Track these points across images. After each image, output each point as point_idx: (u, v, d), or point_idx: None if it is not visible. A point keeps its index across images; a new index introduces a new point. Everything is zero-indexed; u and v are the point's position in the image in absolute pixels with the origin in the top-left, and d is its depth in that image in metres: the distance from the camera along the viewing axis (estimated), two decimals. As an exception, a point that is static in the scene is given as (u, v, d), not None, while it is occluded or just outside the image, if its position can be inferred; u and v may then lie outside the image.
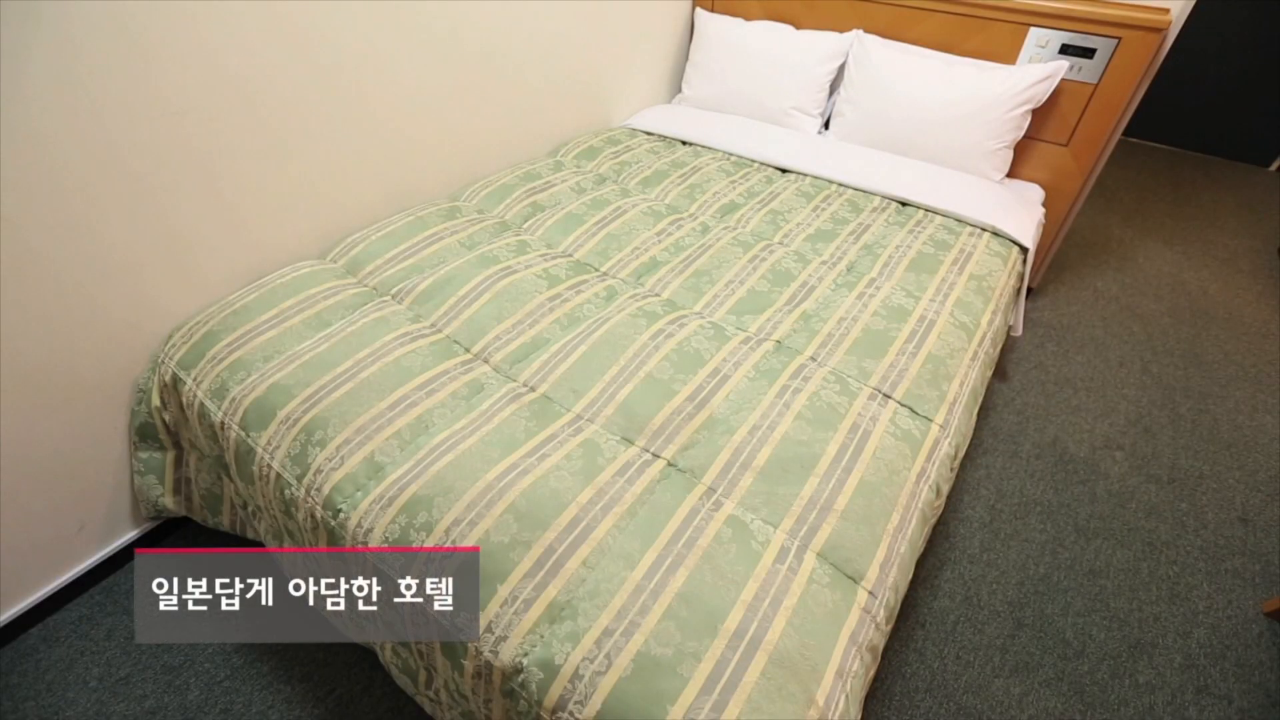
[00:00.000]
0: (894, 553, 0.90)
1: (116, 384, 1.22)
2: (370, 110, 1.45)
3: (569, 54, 1.91)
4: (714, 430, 1.01)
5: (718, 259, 1.44)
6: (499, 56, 1.70)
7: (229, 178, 1.24)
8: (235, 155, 1.23)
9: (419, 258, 1.40)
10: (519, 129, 1.89)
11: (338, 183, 1.46)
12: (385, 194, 1.58)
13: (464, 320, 1.25)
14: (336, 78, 1.35)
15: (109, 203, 1.08)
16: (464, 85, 1.64)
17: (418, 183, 1.65)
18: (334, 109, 1.37)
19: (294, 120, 1.31)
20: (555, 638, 0.77)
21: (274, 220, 1.36)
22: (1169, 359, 2.13)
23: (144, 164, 1.10)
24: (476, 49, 1.62)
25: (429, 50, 1.51)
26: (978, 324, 1.34)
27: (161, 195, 1.15)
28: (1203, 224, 3.00)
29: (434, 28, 1.50)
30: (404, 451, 0.99)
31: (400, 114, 1.52)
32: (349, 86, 1.38)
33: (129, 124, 1.06)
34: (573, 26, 1.87)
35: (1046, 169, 2.00)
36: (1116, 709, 1.22)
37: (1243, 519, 1.61)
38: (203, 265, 1.27)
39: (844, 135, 2.05)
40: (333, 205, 1.47)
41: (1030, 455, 1.74)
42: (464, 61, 1.61)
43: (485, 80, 1.69)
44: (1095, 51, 1.78)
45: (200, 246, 1.25)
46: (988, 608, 1.38)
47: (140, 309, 1.20)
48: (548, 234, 1.54)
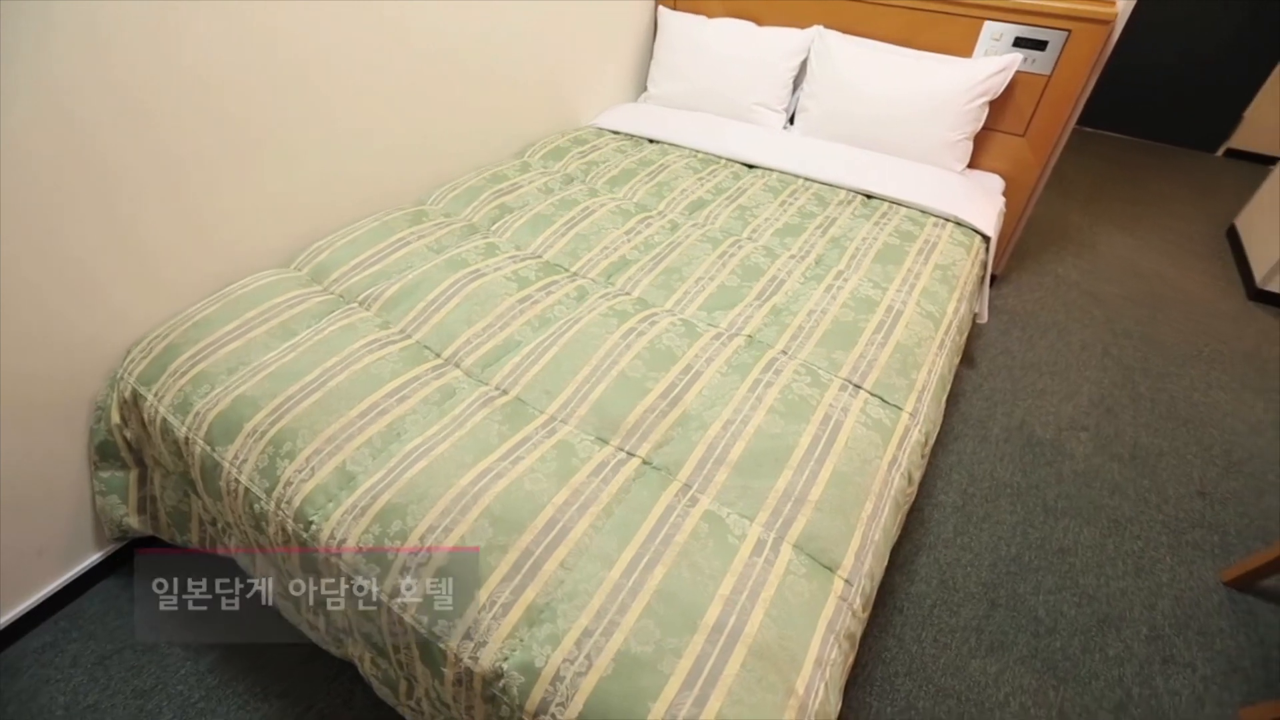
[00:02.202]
0: (868, 541, 0.91)
1: (72, 402, 1.19)
2: (333, 114, 1.42)
3: (533, 54, 1.90)
4: (688, 427, 1.02)
5: (687, 256, 1.45)
6: (463, 58, 1.68)
7: (188, 184, 1.21)
8: (193, 161, 1.20)
9: (386, 263, 1.38)
10: (485, 130, 1.87)
11: (301, 188, 1.43)
12: (350, 199, 1.55)
13: (434, 325, 1.24)
14: (299, 81, 1.32)
15: (63, 211, 1.05)
16: (429, 88, 1.62)
17: (383, 187, 1.63)
18: (297, 113, 1.34)
19: (255, 125, 1.28)
20: (535, 640, 0.76)
21: (235, 228, 1.33)
22: (1128, 341, 2.20)
23: (100, 170, 1.07)
24: (440, 51, 1.61)
25: (393, 53, 1.49)
26: (944, 313, 1.36)
27: (117, 202, 1.12)
28: (1156, 209, 3.10)
29: (397, 30, 1.48)
30: (376, 460, 0.98)
31: (364, 117, 1.49)
32: (312, 90, 1.35)
33: (90, 129, 1.03)
34: (536, 27, 1.86)
35: (1006, 159, 2.04)
36: (1088, 682, 1.26)
37: (1201, 493, 1.67)
38: (161, 276, 1.23)
39: (809, 130, 2.07)
40: (296, 211, 1.44)
41: (999, 439, 1.78)
42: (428, 64, 1.59)
43: (450, 82, 1.67)
44: (1047, 44, 1.83)
45: (159, 257, 1.22)
46: (963, 590, 1.41)
47: (96, 322, 1.16)
48: (516, 235, 1.53)
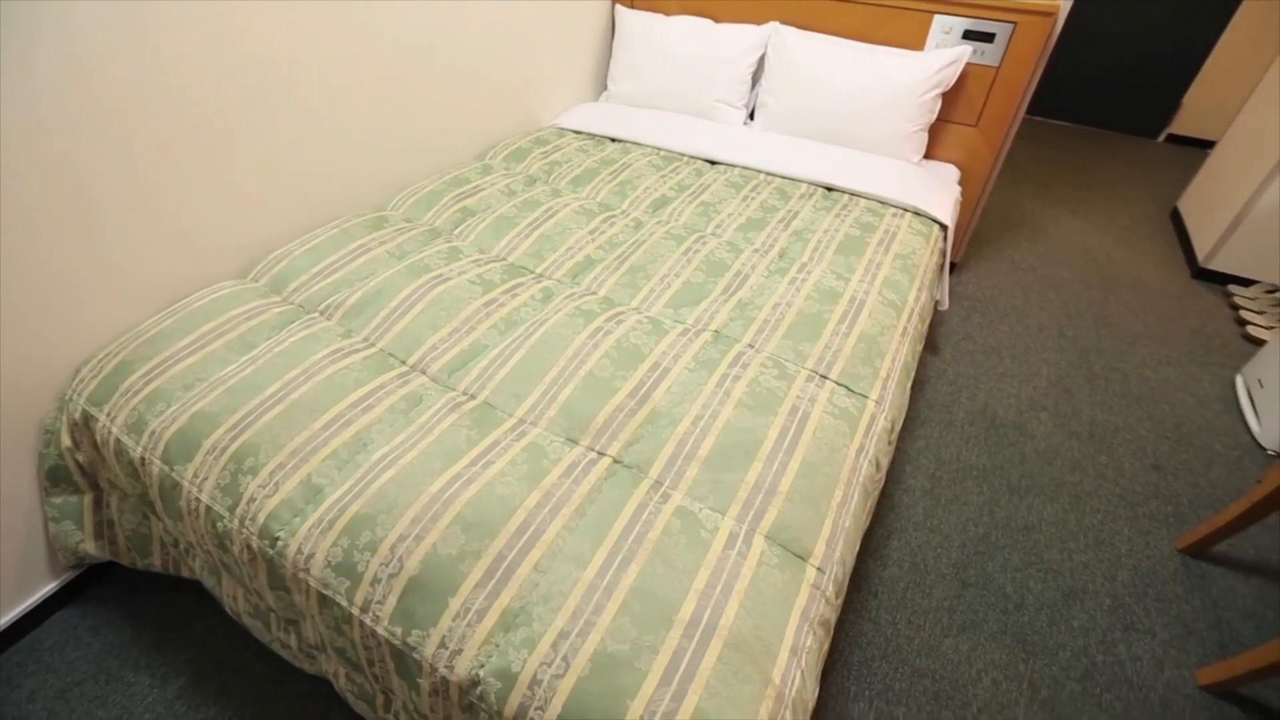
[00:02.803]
0: (839, 528, 0.92)
1: (18, 427, 1.14)
2: (289, 121, 1.39)
3: (492, 56, 1.88)
4: (657, 424, 1.02)
5: (652, 253, 1.45)
6: (420, 62, 1.66)
7: (134, 195, 1.17)
8: (140, 171, 1.16)
9: (346, 271, 1.35)
10: (445, 134, 1.85)
11: (257, 197, 1.39)
12: (308, 207, 1.52)
13: (398, 332, 1.22)
14: (254, 87, 1.29)
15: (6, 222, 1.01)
16: (386, 92, 1.60)
17: (342, 194, 1.60)
18: (251, 120, 1.31)
19: (206, 133, 1.24)
20: (511, 645, 0.76)
21: (188, 239, 1.29)
22: (1082, 322, 2.27)
23: (42, 182, 1.03)
24: (396, 55, 1.58)
25: (348, 58, 1.46)
26: (905, 301, 1.39)
27: (63, 216, 1.07)
28: (1104, 194, 3.20)
29: (353, 34, 1.45)
30: (342, 471, 0.96)
31: (320, 123, 1.46)
32: (266, 98, 1.32)
33: (18, 140, 0.99)
34: (494, 28, 1.84)
35: (960, 149, 2.09)
36: (1055, 654, 1.30)
37: (1155, 466, 1.73)
38: (110, 292, 1.19)
39: (769, 125, 2.09)
40: (252, 221, 1.41)
41: (964, 423, 1.83)
42: (385, 68, 1.57)
43: (407, 86, 1.65)
44: (995, 36, 1.87)
45: (107, 271, 1.17)
46: (934, 571, 1.44)
47: (41, 342, 1.12)
48: (480, 239, 1.51)
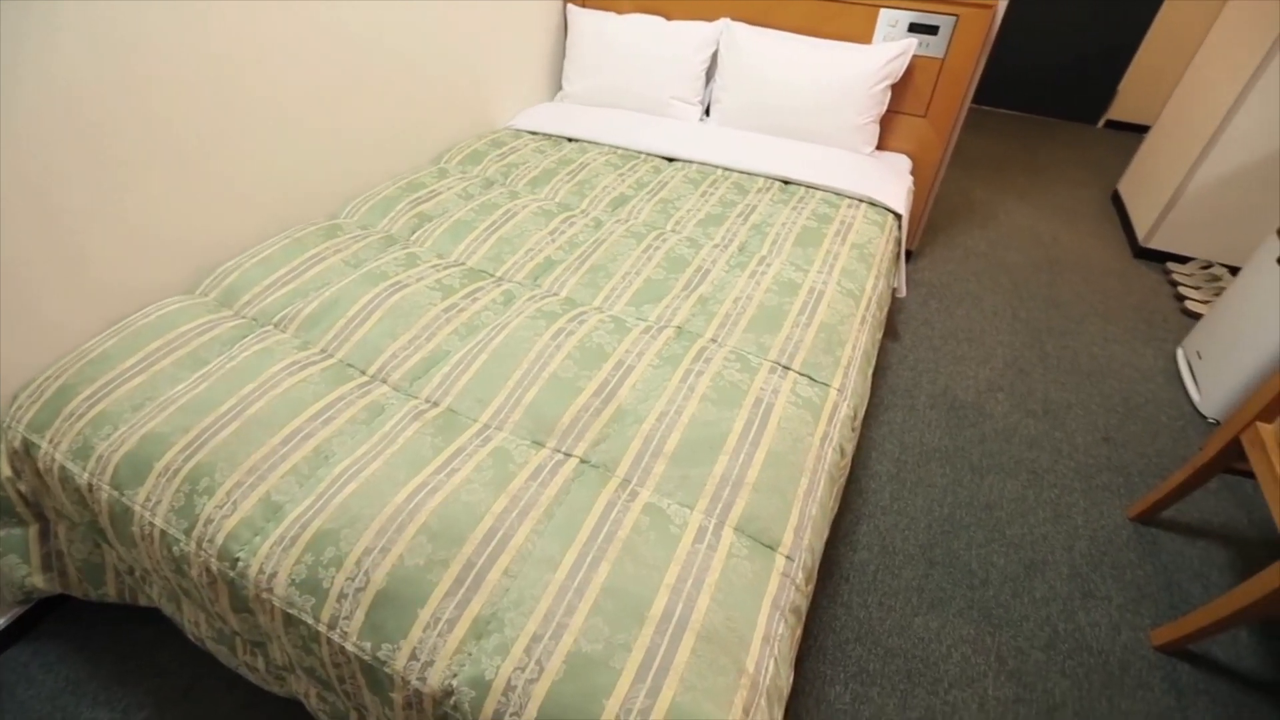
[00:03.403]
0: (806, 516, 0.94)
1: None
2: (235, 127, 1.35)
3: (444, 58, 1.86)
4: (623, 422, 1.02)
5: (612, 252, 1.45)
6: (371, 65, 1.63)
7: (71, 206, 1.12)
8: (77, 180, 1.11)
9: (301, 281, 1.32)
10: (398, 138, 1.82)
11: (203, 208, 1.35)
12: (258, 217, 1.48)
13: (356, 342, 1.19)
14: (197, 91, 1.25)
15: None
16: (337, 97, 1.56)
17: (293, 202, 1.56)
18: (195, 127, 1.27)
19: (150, 139, 1.20)
20: (483, 653, 0.75)
21: (130, 254, 1.24)
22: (1033, 304, 2.35)
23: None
24: (346, 59, 1.55)
25: (297, 62, 1.43)
26: (863, 290, 1.42)
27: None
28: (1049, 179, 3.32)
29: (302, 38, 1.42)
30: (304, 487, 0.94)
31: (268, 129, 1.42)
32: (211, 101, 1.28)
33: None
34: (444, 30, 1.82)
35: (911, 139, 2.14)
36: (1019, 625, 1.34)
37: (1106, 439, 1.80)
38: (46, 311, 1.14)
39: (724, 121, 2.11)
40: (199, 233, 1.36)
41: (926, 406, 1.87)
42: (334, 73, 1.53)
43: (358, 90, 1.62)
44: (939, 28, 1.92)
45: (41, 289, 1.12)
46: (902, 553, 1.47)
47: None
48: (437, 244, 1.49)
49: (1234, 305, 1.87)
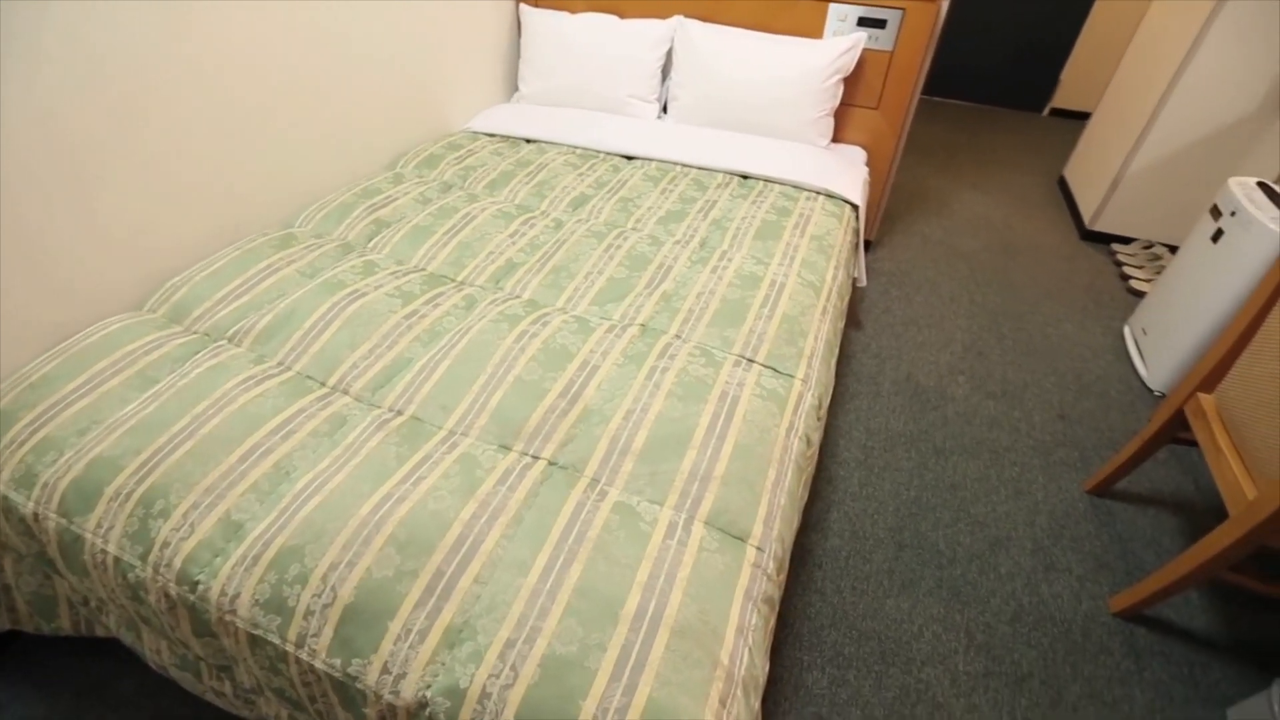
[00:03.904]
0: (775, 506, 0.95)
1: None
2: (178, 138, 1.30)
3: (396, 62, 1.83)
4: (590, 422, 1.02)
5: (574, 252, 1.45)
6: (323, 70, 1.59)
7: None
8: (8, 193, 1.06)
9: (254, 293, 1.29)
10: (352, 144, 1.78)
11: (149, 220, 1.30)
12: (207, 228, 1.43)
13: (315, 353, 1.17)
14: (138, 97, 1.20)
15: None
16: (286, 102, 1.53)
17: (244, 213, 1.51)
18: (136, 139, 1.22)
19: (87, 149, 1.15)
20: (457, 662, 0.74)
21: (69, 271, 1.19)
22: (989, 288, 2.42)
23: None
24: (295, 65, 1.51)
25: (243, 70, 1.39)
26: (824, 281, 1.44)
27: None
28: (999, 167, 3.41)
29: (247, 44, 1.38)
30: (265, 504, 0.91)
31: (214, 139, 1.38)
32: (153, 111, 1.23)
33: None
34: (395, 33, 1.79)
35: (865, 131, 2.18)
36: (987, 601, 1.38)
37: (1061, 416, 1.87)
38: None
39: (682, 117, 2.12)
40: (144, 247, 1.31)
41: (890, 393, 1.91)
42: (284, 79, 1.50)
43: (310, 96, 1.58)
44: (886, 22, 1.96)
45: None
46: (872, 538, 1.50)
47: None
48: (396, 250, 1.47)
49: (1174, 283, 1.96)
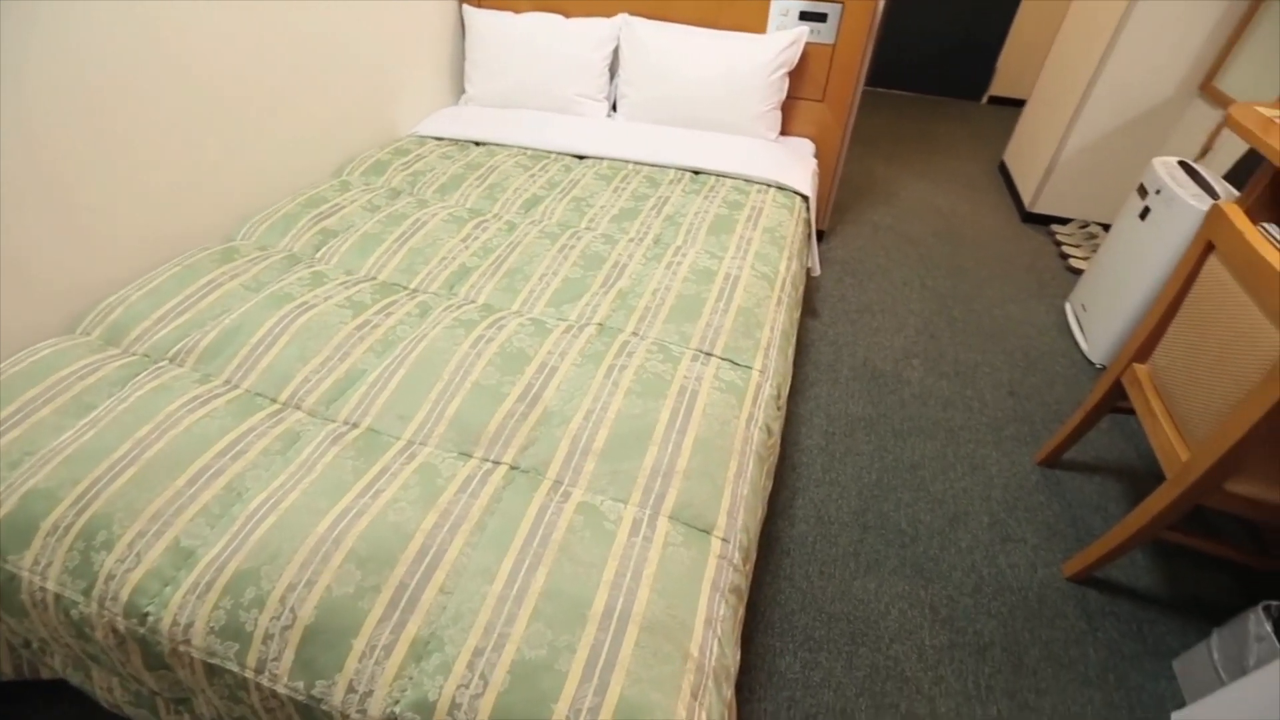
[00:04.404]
0: (738, 497, 0.96)
1: None
2: (111, 148, 1.25)
3: (338, 67, 1.78)
4: (550, 424, 1.02)
5: (528, 254, 1.44)
6: (262, 77, 1.54)
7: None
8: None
9: (196, 310, 1.24)
10: (295, 152, 1.73)
11: (76, 239, 1.24)
12: (142, 245, 1.38)
13: (263, 369, 1.13)
14: (54, 111, 1.14)
15: None
16: (225, 110, 1.48)
17: (182, 227, 1.46)
18: (66, 149, 1.16)
19: (12, 164, 1.09)
20: (425, 674, 0.73)
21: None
22: (938, 273, 2.49)
23: None
24: (233, 71, 1.46)
25: (177, 75, 1.34)
26: (777, 272, 1.46)
27: None
28: (944, 155, 3.52)
29: (182, 49, 1.33)
30: (216, 528, 0.88)
31: (148, 149, 1.33)
32: (83, 122, 1.17)
33: None
34: (336, 38, 1.74)
35: (812, 124, 2.22)
36: (949, 575, 1.43)
37: (1011, 392, 1.93)
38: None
39: (631, 115, 2.12)
40: (73, 267, 1.25)
41: (848, 379, 1.96)
42: (221, 85, 1.45)
43: (249, 103, 1.53)
44: (827, 16, 2.00)
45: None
46: (837, 522, 1.53)
47: None
48: (345, 260, 1.43)
49: (1108, 260, 2.05)
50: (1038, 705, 1.20)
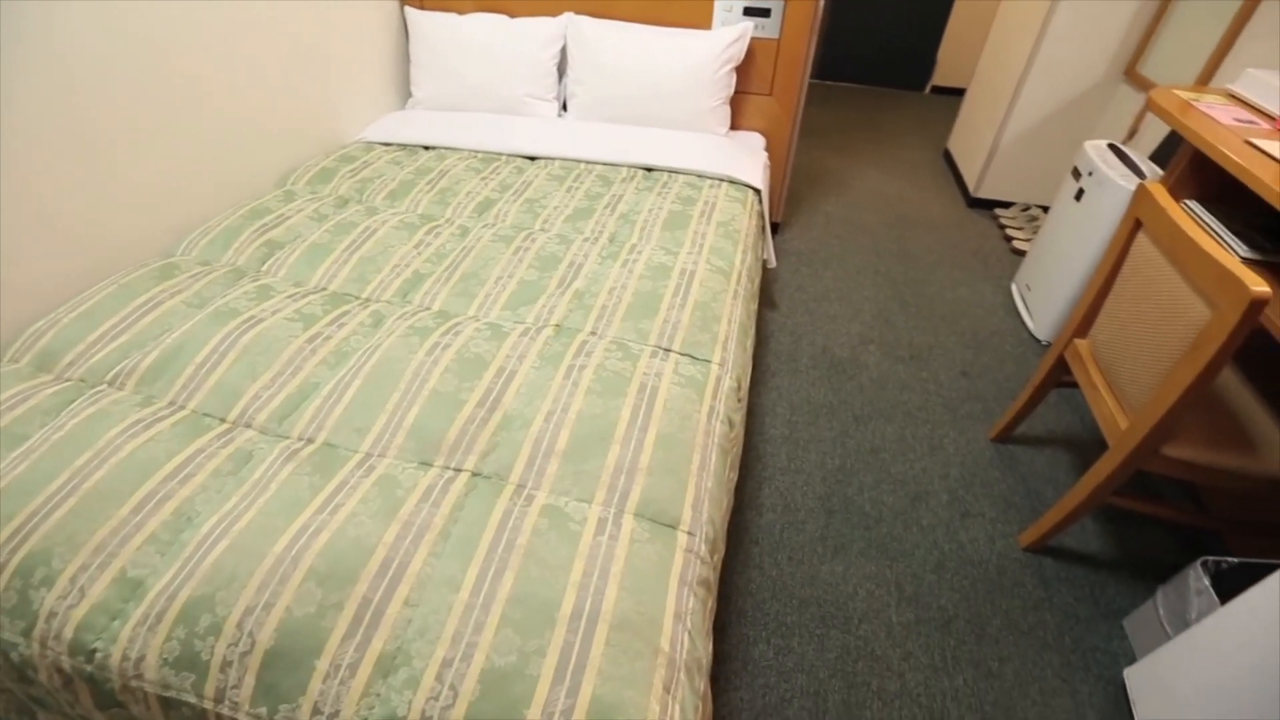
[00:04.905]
0: (702, 490, 0.97)
1: None
2: (34, 161, 1.18)
3: (278, 73, 1.73)
4: (511, 428, 1.01)
5: (482, 258, 1.42)
6: (199, 84, 1.50)
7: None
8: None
9: (135, 331, 1.19)
10: (236, 162, 1.67)
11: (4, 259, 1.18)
12: (72, 264, 1.32)
13: (210, 388, 1.09)
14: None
15: None
16: (161, 123, 1.42)
17: (116, 244, 1.40)
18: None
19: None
20: (393, 690, 0.72)
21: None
22: (890, 259, 2.55)
23: None
24: (168, 77, 1.41)
25: (107, 82, 1.28)
26: (732, 265, 1.48)
27: None
28: (891, 144, 3.60)
29: (115, 55, 1.27)
30: (166, 555, 0.85)
31: (76, 162, 1.26)
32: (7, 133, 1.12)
33: None
34: (274, 42, 1.69)
35: (761, 117, 2.25)
36: (913, 553, 1.46)
37: (964, 373, 2.00)
38: None
39: (582, 114, 2.12)
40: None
41: (808, 367, 1.99)
42: (156, 93, 1.39)
43: (185, 112, 1.48)
44: (770, 10, 2.03)
45: None
46: (803, 508, 1.56)
47: None
48: (293, 272, 1.39)
49: (1048, 240, 2.13)
50: (1000, 672, 1.25)
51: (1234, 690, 0.95)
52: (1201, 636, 1.03)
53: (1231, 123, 1.41)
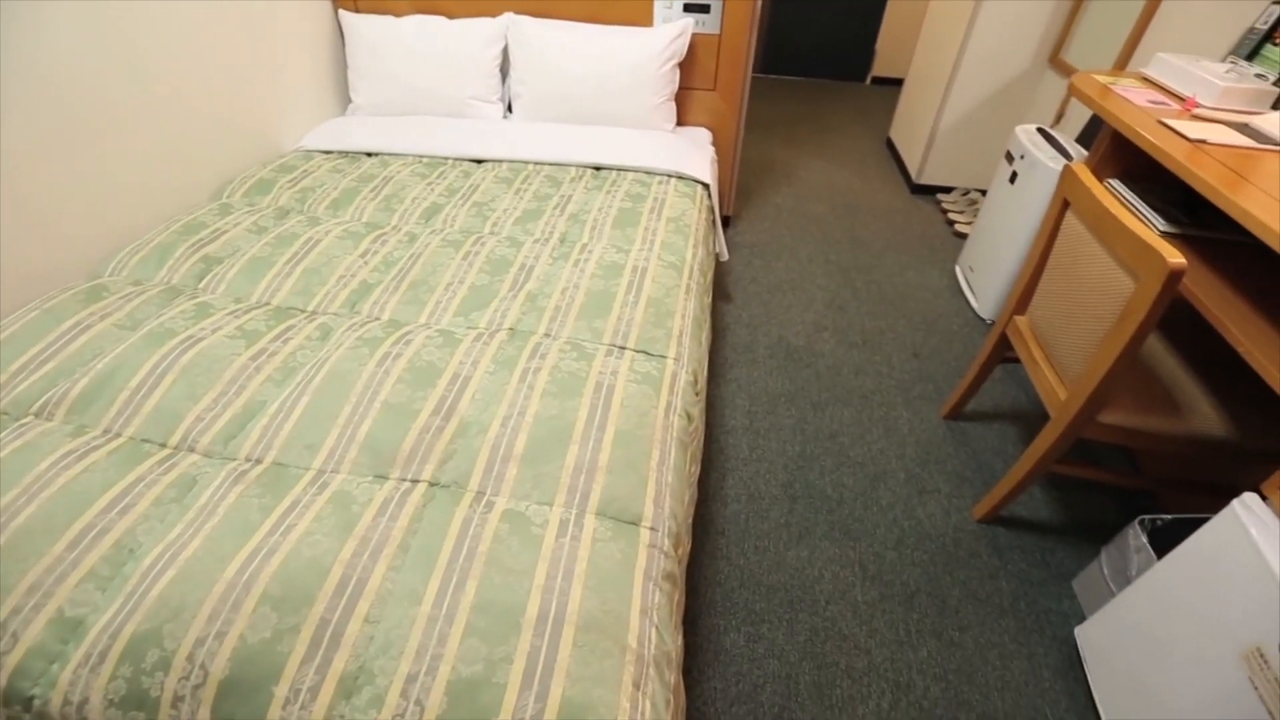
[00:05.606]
0: (663, 485, 0.97)
1: None
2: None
3: (207, 80, 1.66)
4: (467, 435, 0.99)
5: (431, 265, 1.40)
6: (122, 94, 1.43)
7: None
8: None
9: (63, 357, 1.13)
10: (166, 176, 1.60)
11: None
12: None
13: (148, 413, 1.05)
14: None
15: None
16: (77, 133, 1.35)
17: (37, 266, 1.32)
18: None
19: None
20: (356, 710, 0.70)
21: None
22: (840, 247, 2.61)
23: None
24: (88, 87, 1.34)
25: (24, 103, 1.21)
26: (684, 260, 1.49)
27: None
28: (835, 135, 3.68)
29: (35, 61, 1.20)
30: (107, 591, 0.81)
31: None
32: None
33: None
34: (205, 53, 1.63)
35: (706, 113, 2.27)
36: (874, 533, 1.50)
37: (915, 355, 2.06)
38: None
39: (527, 115, 2.10)
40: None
41: (765, 358, 2.02)
42: (75, 104, 1.33)
43: (107, 125, 1.41)
44: (710, 6, 2.05)
45: None
46: (767, 496, 1.58)
47: None
48: (233, 287, 1.35)
49: (987, 223, 2.21)
50: (961, 641, 1.29)
51: (1171, 638, 1.00)
52: (1141, 591, 1.09)
53: (1146, 104, 1.49)
